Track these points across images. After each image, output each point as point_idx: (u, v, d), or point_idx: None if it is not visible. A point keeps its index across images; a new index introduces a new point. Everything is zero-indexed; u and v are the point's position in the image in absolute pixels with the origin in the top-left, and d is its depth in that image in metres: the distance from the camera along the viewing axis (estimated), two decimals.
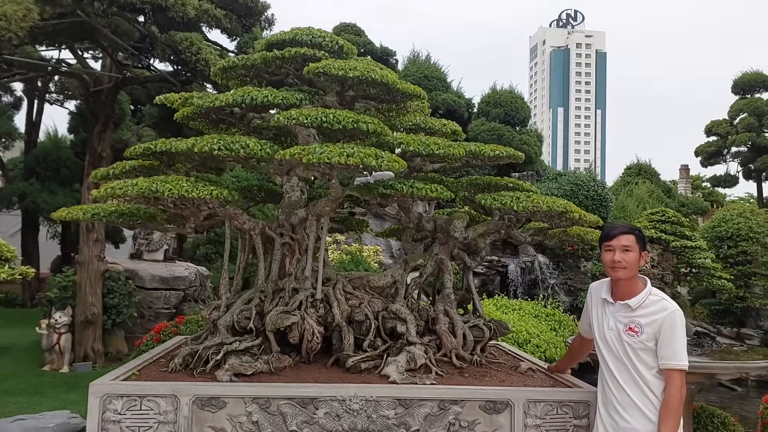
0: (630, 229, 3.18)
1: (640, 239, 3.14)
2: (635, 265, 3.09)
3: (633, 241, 3.10)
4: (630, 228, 3.20)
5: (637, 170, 23.58)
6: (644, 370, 3.00)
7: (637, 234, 3.16)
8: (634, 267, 3.09)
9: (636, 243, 3.10)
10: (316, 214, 3.93)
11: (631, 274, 3.09)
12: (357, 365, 3.65)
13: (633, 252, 3.08)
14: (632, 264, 3.07)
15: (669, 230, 5.40)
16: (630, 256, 3.07)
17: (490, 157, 3.70)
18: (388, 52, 18.52)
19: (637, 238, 3.12)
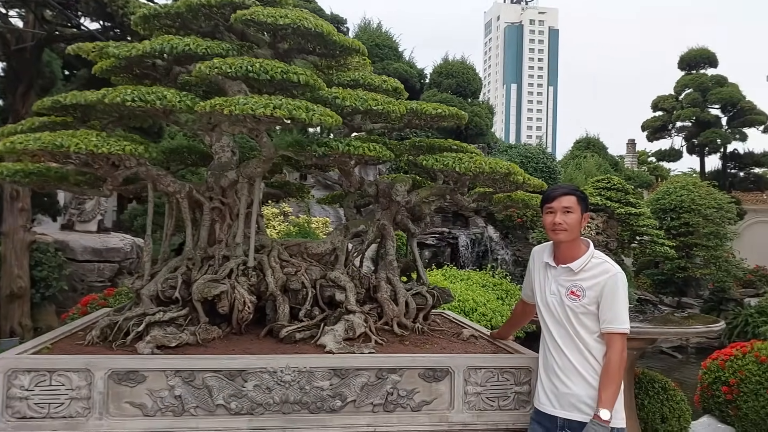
0: (571, 190, 3.05)
1: (582, 200, 3.02)
2: (577, 227, 2.97)
3: (574, 202, 2.97)
4: (571, 189, 3.07)
5: (585, 144, 23.94)
6: (585, 335, 2.90)
7: (579, 195, 3.03)
8: (576, 229, 2.97)
9: (577, 204, 2.98)
10: (247, 176, 3.67)
11: (573, 236, 2.97)
12: (291, 335, 3.44)
13: (574, 213, 2.95)
14: (573, 226, 2.95)
15: (614, 197, 5.37)
16: (571, 218, 2.95)
17: (432, 116, 3.51)
18: (339, 19, 18.06)
19: (579, 199, 3.00)
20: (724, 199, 15.87)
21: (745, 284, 17.01)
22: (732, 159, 23.97)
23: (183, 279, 3.57)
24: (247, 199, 3.71)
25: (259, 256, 3.77)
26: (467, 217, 13.42)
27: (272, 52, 3.74)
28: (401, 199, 3.78)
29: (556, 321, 3.00)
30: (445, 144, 3.92)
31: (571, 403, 2.88)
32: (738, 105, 22.54)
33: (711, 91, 22.66)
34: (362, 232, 4.05)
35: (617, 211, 5.24)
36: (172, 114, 3.46)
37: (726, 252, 15.40)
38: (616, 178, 5.61)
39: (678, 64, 24.22)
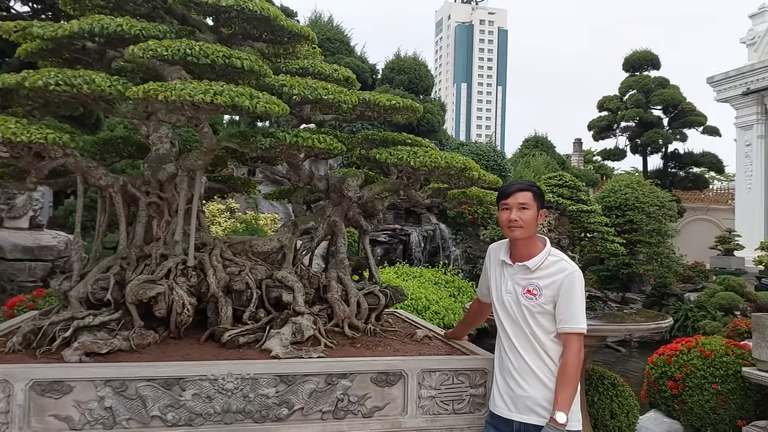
0: (527, 186, 2.94)
1: (538, 196, 2.92)
2: (533, 223, 2.87)
3: (530, 199, 2.87)
4: (527, 184, 2.96)
5: (534, 143, 24.29)
6: (542, 335, 2.81)
7: (535, 191, 2.93)
8: (532, 226, 2.87)
9: (533, 200, 2.88)
10: (187, 168, 3.43)
11: (529, 233, 2.87)
12: (234, 340, 3.23)
13: (530, 210, 2.85)
14: (529, 223, 2.85)
15: (566, 194, 5.34)
16: (527, 215, 2.84)
17: (385, 107, 3.35)
18: (289, 12, 17.65)
19: (535, 195, 2.90)
20: (666, 197, 16.31)
21: (685, 280, 17.57)
22: (673, 159, 24.77)
23: (116, 280, 3.31)
24: (187, 194, 3.47)
25: (200, 254, 3.54)
26: (419, 214, 13.35)
27: (215, 38, 3.50)
28: (353, 195, 3.61)
29: (512, 321, 2.89)
30: (400, 137, 3.78)
31: (527, 406, 2.78)
32: (679, 106, 23.29)
33: (654, 93, 23.34)
34: (312, 229, 3.86)
35: (569, 209, 5.22)
36: (104, 101, 3.19)
37: (667, 249, 15.85)
38: (567, 175, 5.60)
39: (622, 65, 24.86)
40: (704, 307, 13.75)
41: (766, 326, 5.22)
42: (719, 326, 12.34)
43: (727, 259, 17.10)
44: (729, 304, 13.20)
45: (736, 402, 5.67)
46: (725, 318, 12.94)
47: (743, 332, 11.07)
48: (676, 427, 6.09)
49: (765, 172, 18.13)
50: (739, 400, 5.67)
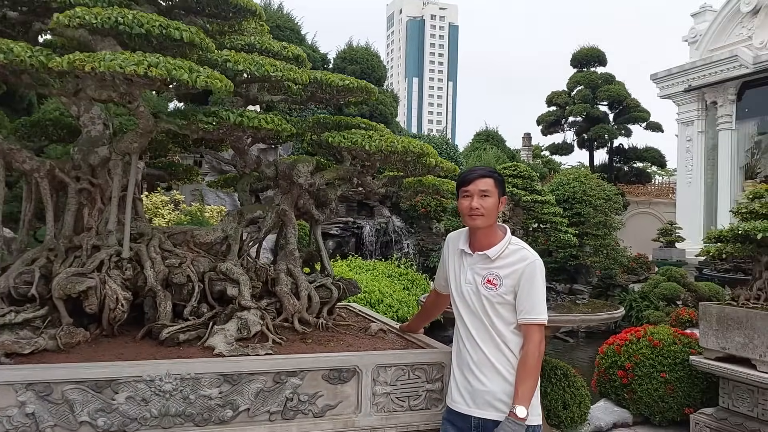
0: (488, 172, 2.82)
1: (500, 183, 2.80)
2: (494, 211, 2.75)
3: (492, 185, 2.75)
4: (489, 171, 2.84)
5: (485, 137, 24.53)
6: (502, 326, 2.69)
7: (496, 177, 2.81)
8: (493, 214, 2.75)
9: (495, 187, 2.76)
10: (121, 152, 3.16)
11: (490, 221, 2.75)
12: (174, 337, 2.99)
13: (492, 197, 2.73)
14: (491, 210, 2.73)
15: (520, 185, 5.28)
16: (488, 202, 2.72)
17: (339, 87, 3.16)
18: None
19: (496, 182, 2.77)
20: (612, 191, 16.67)
21: (629, 271, 18.04)
22: (618, 153, 25.42)
23: (41, 273, 3.02)
24: (121, 180, 3.20)
25: (137, 245, 3.28)
26: (372, 207, 13.19)
27: (154, 9, 3.23)
28: (303, 182, 3.42)
29: (471, 312, 2.76)
30: (354, 122, 3.60)
31: (486, 401, 2.67)
32: (624, 102, 23.90)
33: (600, 88, 23.86)
34: (259, 219, 3.64)
35: (523, 199, 5.16)
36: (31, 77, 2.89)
37: (613, 241, 16.21)
38: (522, 165, 5.54)
39: (570, 61, 25.31)
40: (648, 297, 14.11)
41: (713, 315, 5.29)
42: (662, 315, 12.69)
43: (668, 251, 17.63)
44: (671, 294, 13.59)
45: (684, 390, 5.75)
46: (668, 308, 13.32)
47: (685, 321, 11.40)
48: (625, 416, 6.14)
49: (705, 167, 18.77)
50: (686, 389, 5.75)
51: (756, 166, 17.93)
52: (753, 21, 17.09)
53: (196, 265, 3.32)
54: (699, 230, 17.99)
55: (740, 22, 17.51)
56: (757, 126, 17.79)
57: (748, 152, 18.12)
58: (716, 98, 18.02)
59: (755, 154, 18.05)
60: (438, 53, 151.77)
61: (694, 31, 19.12)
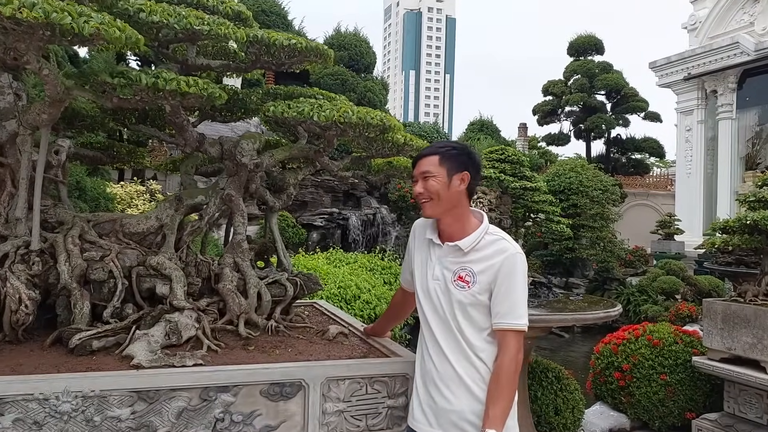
0: (433, 149, 2.32)
1: (448, 158, 2.28)
2: (445, 194, 2.26)
3: (435, 163, 2.26)
4: (433, 147, 2.35)
5: (479, 126, 23.96)
6: (471, 333, 2.23)
7: (444, 152, 2.29)
8: (445, 197, 2.26)
9: (440, 164, 2.26)
10: (29, 125, 2.67)
11: (444, 207, 2.27)
12: (86, 344, 2.51)
13: (437, 177, 2.24)
14: (438, 193, 2.25)
15: (508, 170, 4.81)
16: (432, 185, 2.24)
17: (285, 47, 2.67)
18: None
19: (442, 158, 2.27)
20: (609, 182, 16.24)
21: (626, 264, 17.61)
22: (615, 144, 24.96)
23: None
24: (30, 158, 2.71)
25: (54, 235, 2.80)
26: (359, 197, 12.69)
27: None
28: (248, 161, 2.93)
29: (437, 315, 2.30)
30: (310, 92, 3.11)
31: (452, 421, 2.22)
32: (622, 91, 23.41)
33: (597, 78, 23.37)
34: (201, 205, 3.16)
35: (511, 186, 4.70)
36: None
37: (610, 233, 15.78)
38: (510, 149, 5.09)
39: (567, 50, 24.78)
40: (646, 291, 13.68)
41: (717, 313, 4.84)
42: (661, 310, 12.26)
43: (667, 244, 17.19)
44: (670, 288, 13.15)
45: (686, 393, 5.31)
46: (667, 302, 12.89)
47: (685, 316, 10.97)
48: (622, 421, 5.70)
49: (704, 158, 18.32)
50: (688, 392, 5.31)
51: (757, 157, 17.48)
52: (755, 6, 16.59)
53: (122, 259, 2.84)
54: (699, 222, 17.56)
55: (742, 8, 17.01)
56: (757, 115, 17.33)
57: (748, 142, 17.67)
58: (716, 87, 17.54)
59: (756, 144, 17.60)
60: (435, 46, 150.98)
61: (694, 17, 18.63)
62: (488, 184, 4.96)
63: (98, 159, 3.61)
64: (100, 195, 8.86)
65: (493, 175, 4.75)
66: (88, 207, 8.14)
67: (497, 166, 4.89)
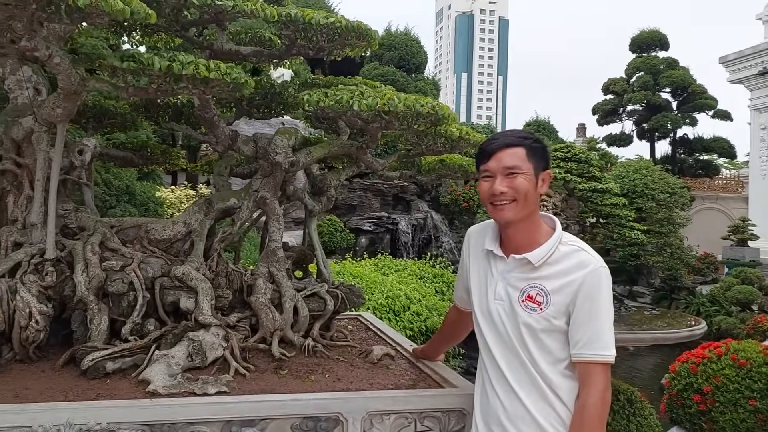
0: (516, 139, 1.88)
1: (536, 152, 1.87)
2: (532, 195, 1.85)
3: (522, 158, 1.84)
4: (517, 137, 1.91)
5: (535, 127, 23.08)
6: (546, 365, 1.82)
7: (530, 144, 1.87)
8: (531, 199, 1.85)
9: (528, 160, 1.84)
10: (44, 120, 2.43)
11: (526, 210, 1.86)
12: (99, 366, 2.23)
13: (524, 175, 1.83)
14: (525, 194, 1.84)
15: (575, 170, 4.33)
16: (520, 183, 1.83)
17: (321, 26, 2.33)
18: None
19: (530, 151, 1.85)
20: (677, 184, 15.31)
21: (695, 272, 16.60)
22: (682, 144, 23.68)
23: None
24: (46, 157, 2.47)
25: (73, 243, 2.55)
26: (409, 201, 12.30)
27: None
28: (282, 159, 2.61)
29: (502, 341, 1.90)
30: (352, 81, 2.77)
31: None
32: (689, 89, 22.18)
33: (662, 74, 22.20)
34: (234, 209, 2.85)
35: (578, 187, 4.23)
36: None
37: (678, 239, 14.86)
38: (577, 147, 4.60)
39: (629, 46, 23.69)
40: (718, 301, 12.77)
41: None
42: (736, 322, 11.38)
43: (740, 250, 16.09)
44: (746, 299, 12.21)
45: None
46: (742, 313, 11.97)
47: (765, 330, 10.11)
48: None
49: None
50: None
51: None
52: None
53: (145, 269, 2.56)
54: None
55: None
56: None
57: None
58: None
59: None
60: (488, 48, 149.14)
61: None
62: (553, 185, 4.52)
63: (129, 160, 3.37)
64: (149, 199, 8.79)
65: (559, 176, 4.29)
66: (137, 212, 8.08)
67: (563, 165, 4.43)
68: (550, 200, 4.16)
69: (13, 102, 2.59)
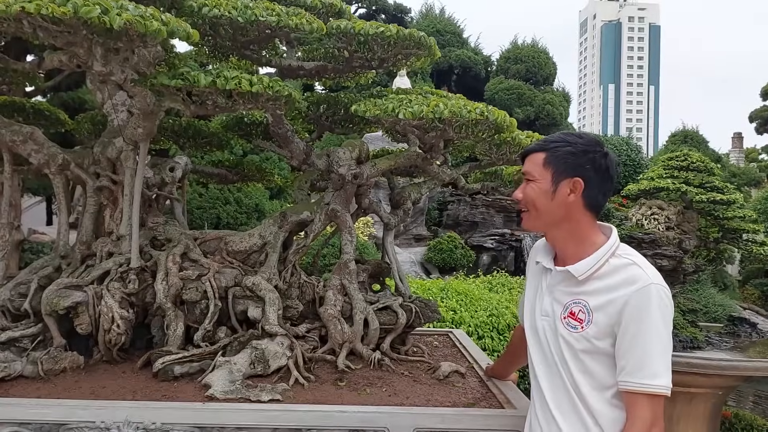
0: (540, 144, 1.75)
1: (557, 158, 1.70)
2: (544, 204, 1.70)
3: (538, 164, 1.70)
4: (542, 142, 1.76)
5: (682, 137, 21.19)
6: (590, 391, 1.64)
7: (551, 150, 1.71)
8: (544, 209, 1.71)
9: (544, 167, 1.69)
10: (129, 140, 2.65)
11: (542, 221, 1.73)
12: (168, 369, 2.37)
13: (537, 183, 1.69)
14: (534, 203, 1.70)
15: (692, 180, 3.90)
16: (528, 191, 1.71)
17: (370, 36, 2.31)
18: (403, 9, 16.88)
19: (549, 157, 1.70)
20: None
21: None
22: None
23: (39, 284, 2.60)
24: (133, 174, 2.69)
25: (159, 253, 2.75)
26: None
27: None
28: (345, 171, 2.63)
29: (546, 362, 1.75)
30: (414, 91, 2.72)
31: None
32: None
33: None
34: (308, 221, 2.92)
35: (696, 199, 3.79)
36: None
37: None
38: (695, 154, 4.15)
39: None
40: None
41: None
42: None
43: None
44: None
45: None
46: None
47: None
48: None
49: None
50: None
51: None
52: None
53: (219, 279, 2.69)
54: None
55: None
56: None
57: None
58: None
59: None
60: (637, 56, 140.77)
61: None
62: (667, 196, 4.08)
63: (224, 176, 3.59)
64: None
65: (672, 186, 3.88)
66: None
67: (678, 175, 4.00)
68: (662, 212, 3.74)
69: (110, 124, 2.86)
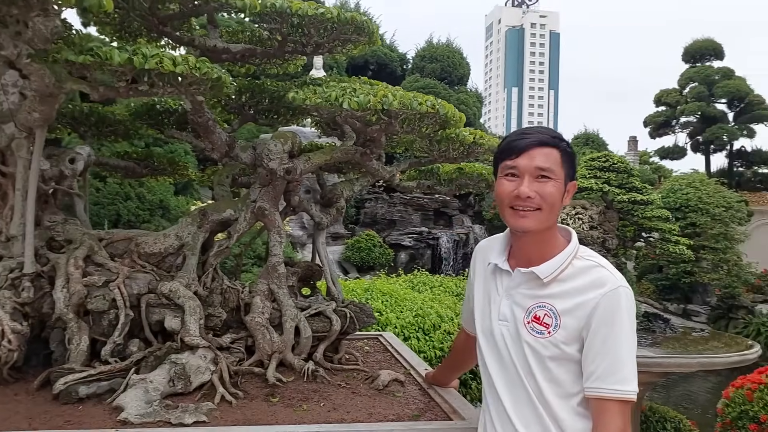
0: (551, 138, 1.60)
1: (568, 158, 1.59)
2: (557, 206, 1.58)
3: (557, 162, 1.57)
4: (551, 136, 1.62)
5: (584, 140, 22.40)
6: (556, 400, 1.54)
7: (564, 149, 1.60)
8: (556, 211, 1.58)
9: (561, 165, 1.57)
10: (22, 126, 2.30)
11: (549, 222, 1.59)
12: (71, 391, 2.05)
13: (556, 182, 1.56)
14: (553, 203, 1.56)
15: (614, 181, 3.98)
16: (550, 189, 1.56)
17: (310, 18, 2.12)
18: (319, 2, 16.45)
19: (564, 157, 1.58)
20: (734, 198, 14.52)
21: (755, 290, 15.64)
22: (739, 157, 22.60)
23: None
24: (26, 165, 2.33)
25: (57, 256, 2.40)
26: (451, 216, 11.97)
27: None
28: (277, 166, 2.41)
29: (505, 370, 1.62)
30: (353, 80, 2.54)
31: None
32: (746, 99, 21.17)
33: (717, 85, 21.27)
34: (231, 221, 2.66)
35: (617, 199, 3.87)
36: None
37: (735, 255, 14.03)
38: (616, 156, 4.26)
39: (682, 56, 22.84)
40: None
41: None
42: None
43: None
44: None
45: None
46: None
47: None
48: None
49: None
50: None
51: None
52: None
53: (130, 285, 2.38)
54: None
55: None
56: None
57: None
58: None
59: None
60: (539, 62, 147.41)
61: None
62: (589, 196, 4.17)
63: (132, 170, 3.24)
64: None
65: (595, 186, 3.94)
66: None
67: (600, 175, 4.08)
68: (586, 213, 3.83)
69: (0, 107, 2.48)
